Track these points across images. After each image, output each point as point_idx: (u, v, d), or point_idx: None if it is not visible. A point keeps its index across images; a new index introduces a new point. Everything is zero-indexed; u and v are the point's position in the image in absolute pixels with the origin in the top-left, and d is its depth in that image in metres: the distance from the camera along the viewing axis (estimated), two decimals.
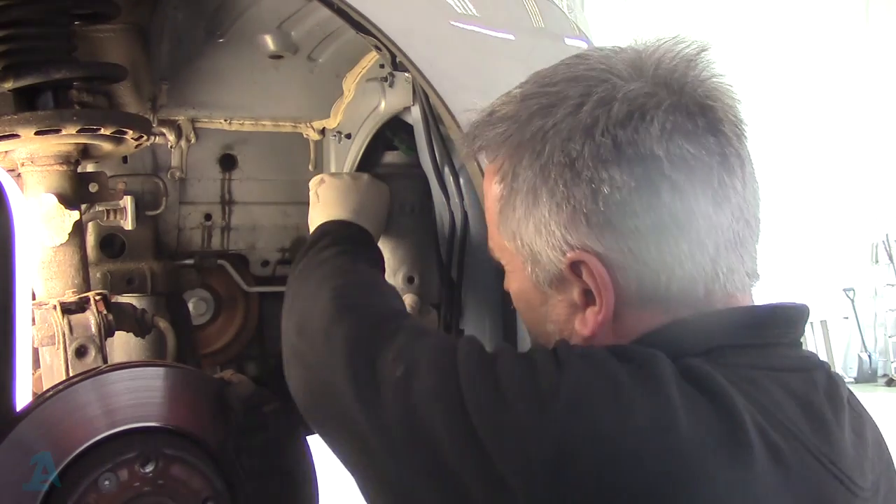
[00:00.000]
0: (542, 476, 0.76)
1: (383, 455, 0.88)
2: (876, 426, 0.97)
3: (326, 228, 1.46)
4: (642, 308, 0.87)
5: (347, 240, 1.41)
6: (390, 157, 1.74)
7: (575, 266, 0.88)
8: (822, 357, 0.98)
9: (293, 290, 1.29)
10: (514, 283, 0.98)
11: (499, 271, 1.02)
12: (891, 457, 0.98)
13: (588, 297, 0.88)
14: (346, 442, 0.97)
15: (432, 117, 1.55)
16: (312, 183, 1.59)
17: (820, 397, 0.87)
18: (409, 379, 0.87)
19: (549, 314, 0.94)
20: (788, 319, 0.91)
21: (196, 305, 1.97)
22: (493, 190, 0.96)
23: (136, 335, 1.57)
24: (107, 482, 1.22)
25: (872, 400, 8.07)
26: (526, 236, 0.91)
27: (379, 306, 1.13)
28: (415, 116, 1.59)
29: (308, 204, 1.53)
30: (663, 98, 0.85)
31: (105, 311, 1.43)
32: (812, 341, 8.63)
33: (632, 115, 0.84)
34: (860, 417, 0.94)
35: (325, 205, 1.51)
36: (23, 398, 1.24)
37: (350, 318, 1.06)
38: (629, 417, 0.77)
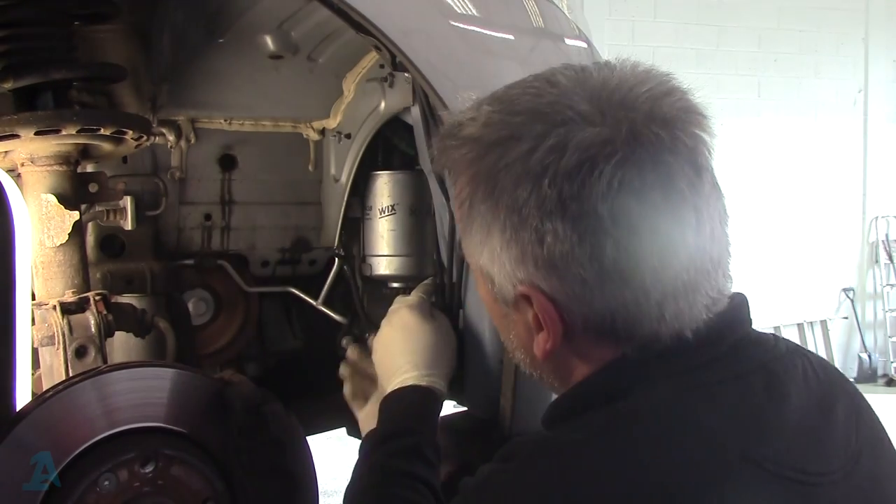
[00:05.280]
0: None
1: None
2: (854, 395, 0.97)
3: (394, 414, 1.36)
4: (592, 339, 0.91)
5: (411, 432, 1.32)
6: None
7: (525, 297, 0.91)
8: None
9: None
10: (480, 292, 1.02)
11: None
12: (877, 424, 0.97)
13: (540, 323, 0.92)
14: None
15: (432, 117, 1.54)
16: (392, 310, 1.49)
17: (757, 398, 0.87)
18: None
19: (508, 328, 0.98)
20: (719, 329, 0.90)
21: (196, 305, 1.97)
22: (456, 208, 0.99)
23: (136, 335, 1.57)
24: (107, 482, 1.22)
25: (872, 400, 7.99)
26: (482, 260, 0.94)
27: None
28: (415, 116, 1.59)
29: (308, 204, 1.49)
30: (617, 147, 0.84)
31: (105, 312, 1.43)
32: (812, 341, 8.62)
33: (581, 165, 0.84)
34: (830, 394, 0.94)
35: (400, 350, 1.41)
36: (23, 398, 1.24)
37: None
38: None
